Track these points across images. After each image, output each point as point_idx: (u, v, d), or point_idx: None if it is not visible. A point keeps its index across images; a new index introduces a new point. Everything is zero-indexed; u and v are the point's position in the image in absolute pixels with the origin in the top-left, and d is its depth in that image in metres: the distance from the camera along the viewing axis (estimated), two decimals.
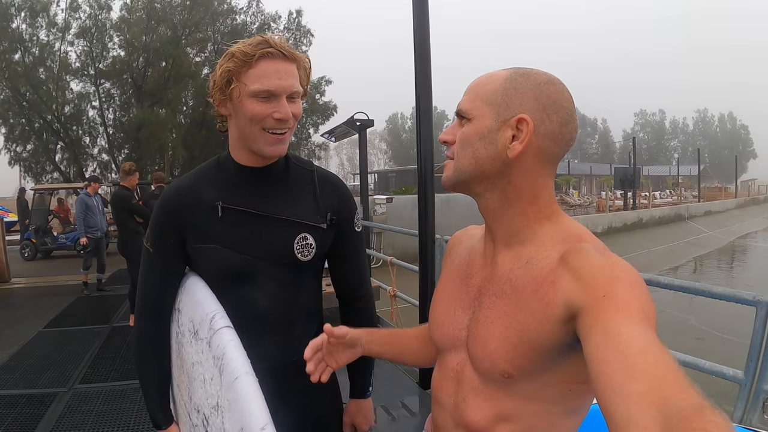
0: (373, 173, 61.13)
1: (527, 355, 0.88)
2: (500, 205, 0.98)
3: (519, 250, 0.97)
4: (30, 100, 20.31)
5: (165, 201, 1.37)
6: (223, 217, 1.33)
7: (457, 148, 0.99)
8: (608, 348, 0.69)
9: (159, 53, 21.85)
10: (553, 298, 0.84)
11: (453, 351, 1.05)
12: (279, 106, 1.26)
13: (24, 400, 4.31)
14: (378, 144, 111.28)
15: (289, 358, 1.40)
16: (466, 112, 0.98)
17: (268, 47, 1.25)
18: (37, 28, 20.37)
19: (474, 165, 0.96)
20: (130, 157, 22.68)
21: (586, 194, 45.62)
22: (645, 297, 0.76)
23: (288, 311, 1.41)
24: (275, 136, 1.29)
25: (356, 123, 9.18)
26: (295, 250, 1.37)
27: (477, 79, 1.01)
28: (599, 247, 0.88)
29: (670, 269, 20.18)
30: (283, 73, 1.26)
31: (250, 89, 1.24)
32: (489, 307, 0.96)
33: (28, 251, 14.22)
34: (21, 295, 9.16)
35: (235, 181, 1.37)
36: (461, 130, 0.98)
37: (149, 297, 1.42)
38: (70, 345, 5.85)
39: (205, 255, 1.35)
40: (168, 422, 1.45)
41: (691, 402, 0.58)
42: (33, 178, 22.45)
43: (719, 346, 9.38)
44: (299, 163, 1.47)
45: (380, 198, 15.38)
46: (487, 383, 0.96)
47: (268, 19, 24.71)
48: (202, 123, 23.26)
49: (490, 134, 0.94)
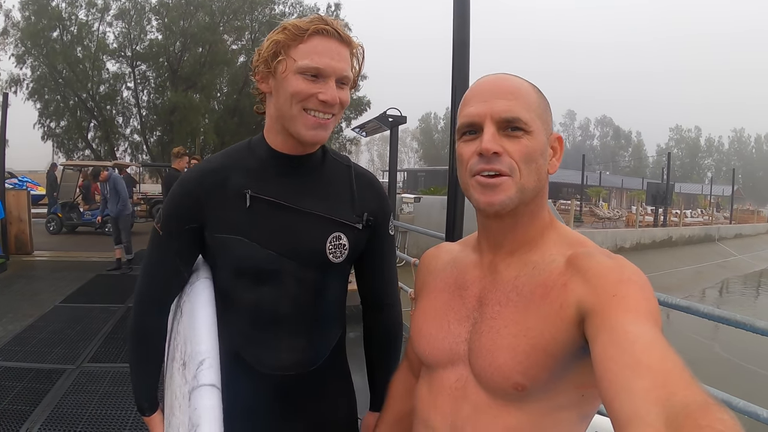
0: (402, 171, 61.27)
1: (542, 363, 0.83)
2: (527, 219, 0.95)
3: (524, 257, 0.94)
4: (66, 78, 20.59)
5: (185, 182, 1.25)
6: (251, 207, 1.21)
7: (520, 164, 0.89)
8: (614, 346, 0.68)
9: (196, 39, 22.00)
10: (566, 300, 0.82)
11: (449, 367, 0.97)
12: (326, 87, 1.15)
13: (32, 374, 4.30)
14: (409, 142, 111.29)
15: (305, 366, 1.29)
16: (527, 123, 0.89)
17: (324, 24, 1.15)
18: (76, 8, 20.64)
19: (537, 183, 0.91)
20: (162, 139, 22.96)
21: (615, 207, 44.90)
22: (653, 300, 0.76)
23: (309, 316, 1.29)
24: (316, 119, 1.17)
25: (388, 119, 9.07)
26: (327, 249, 1.25)
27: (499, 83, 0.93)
28: (604, 251, 0.87)
29: (698, 293, 19.71)
30: (335, 53, 1.16)
31: (298, 64, 1.14)
32: (493, 317, 0.91)
33: (54, 225, 14.39)
34: (42, 267, 9.24)
35: (266, 168, 1.26)
36: (523, 143, 0.89)
37: (152, 283, 1.31)
38: (84, 322, 5.86)
39: (227, 246, 1.23)
40: (152, 410, 1.37)
41: (697, 399, 0.57)
42: (65, 154, 22.81)
43: (746, 379, 9.02)
44: (336, 158, 1.36)
45: (408, 197, 15.22)
46: (497, 399, 0.88)
47: (307, 10, 24.68)
48: (235, 110, 23.41)
49: (545, 151, 0.93)
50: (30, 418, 3.55)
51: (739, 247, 30.08)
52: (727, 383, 8.09)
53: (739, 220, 40.92)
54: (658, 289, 3.96)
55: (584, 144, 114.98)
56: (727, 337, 11.25)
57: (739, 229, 35.20)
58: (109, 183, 8.53)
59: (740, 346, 10.43)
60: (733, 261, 26.72)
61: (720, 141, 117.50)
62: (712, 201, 51.26)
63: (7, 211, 9.60)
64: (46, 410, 3.68)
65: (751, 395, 2.54)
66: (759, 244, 33.49)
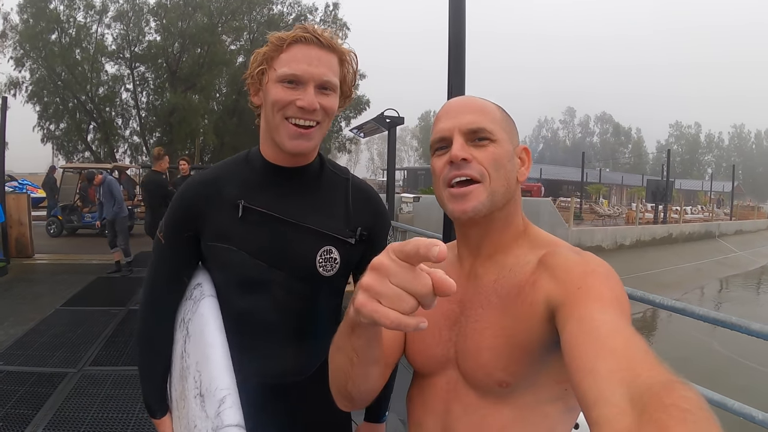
0: (402, 170, 61.16)
1: (520, 360, 0.87)
2: (502, 225, 1.00)
3: (501, 260, 0.98)
4: (65, 80, 20.65)
5: (184, 192, 1.28)
6: (242, 218, 1.23)
7: (489, 169, 0.95)
8: (581, 333, 0.70)
9: (194, 39, 22.06)
10: (535, 298, 0.86)
11: (440, 372, 1.00)
12: (304, 94, 1.15)
13: (33, 378, 4.31)
14: (409, 141, 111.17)
15: (295, 375, 1.31)
16: (491, 133, 0.96)
17: (303, 32, 1.16)
18: (74, 10, 20.68)
19: (506, 188, 0.97)
20: (161, 140, 22.99)
21: (615, 204, 44.84)
22: (618, 288, 0.79)
23: (300, 327, 1.30)
24: (297, 129, 1.17)
25: (386, 120, 9.07)
26: (317, 263, 1.26)
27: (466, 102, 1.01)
28: (574, 249, 0.91)
29: (697, 288, 19.68)
30: (314, 59, 1.16)
31: (277, 73, 1.16)
32: (476, 320, 0.95)
33: (54, 228, 14.40)
34: (43, 271, 9.24)
35: (261, 180, 1.27)
36: (490, 150, 0.96)
37: (156, 290, 1.35)
38: (86, 325, 5.86)
39: (218, 255, 1.25)
40: (162, 413, 1.40)
41: (661, 378, 0.58)
42: (65, 156, 22.84)
43: (745, 376, 9.03)
44: (335, 170, 1.37)
45: (407, 197, 15.27)
46: (485, 397, 0.93)
47: (305, 10, 24.77)
48: (234, 111, 23.47)
49: (512, 159, 0.98)
50: (32, 422, 3.56)
51: (739, 243, 29.98)
52: (727, 380, 8.11)
53: (739, 216, 40.76)
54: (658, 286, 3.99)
55: (584, 141, 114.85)
56: (726, 334, 11.23)
57: (740, 225, 35.06)
58: (103, 186, 8.48)
59: (739, 343, 10.43)
60: (733, 257, 26.67)
61: (720, 137, 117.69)
62: (712, 197, 51.21)
63: (7, 214, 9.60)
64: (48, 414, 3.69)
65: (749, 392, 2.56)
66: (759, 240, 33.42)
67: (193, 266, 1.35)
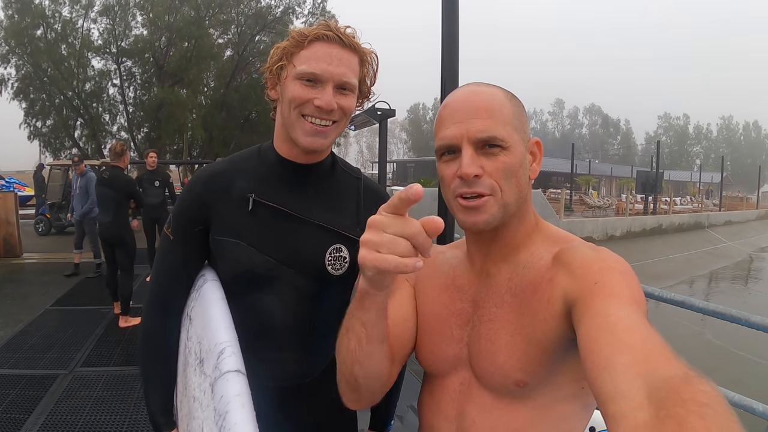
0: (392, 163, 61.15)
1: (538, 359, 0.86)
2: (514, 226, 0.97)
3: (514, 258, 0.96)
4: (51, 76, 20.39)
5: (193, 185, 1.25)
6: (252, 212, 1.21)
7: (501, 182, 0.90)
8: (597, 328, 0.70)
9: (181, 33, 21.81)
10: (552, 294, 0.84)
11: (452, 372, 0.99)
12: (322, 93, 1.14)
13: (24, 381, 4.26)
14: (398, 133, 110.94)
15: (301, 378, 1.28)
16: (503, 140, 0.90)
17: (326, 30, 1.13)
18: (59, 5, 20.42)
19: (518, 195, 0.93)
20: (149, 136, 22.81)
21: (605, 195, 45.07)
22: (635, 285, 0.78)
23: (306, 327, 1.26)
24: (313, 126, 1.15)
25: (377, 112, 9.00)
26: (327, 261, 1.23)
27: (472, 102, 0.92)
28: (589, 244, 0.90)
29: (688, 279, 19.86)
30: (335, 58, 1.14)
31: (296, 70, 1.13)
32: (490, 319, 0.93)
33: (42, 226, 14.25)
34: (31, 270, 9.15)
35: (273, 175, 1.25)
36: (501, 161, 0.90)
37: (163, 290, 1.30)
38: (76, 325, 5.80)
39: (225, 249, 1.22)
40: (169, 427, 1.31)
41: (678, 372, 0.57)
42: (52, 153, 22.61)
43: (739, 367, 9.08)
44: (347, 169, 1.35)
45: (398, 189, 15.22)
46: (501, 398, 0.91)
47: (293, 3, 24.50)
48: (222, 105, 23.30)
49: (524, 161, 0.93)
50: (24, 426, 3.51)
51: (729, 233, 30.29)
52: (721, 370, 8.17)
53: (728, 207, 41.16)
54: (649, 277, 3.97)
55: (573, 133, 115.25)
56: (718, 324, 11.30)
57: (729, 216, 35.40)
58: (82, 179, 8.03)
59: (731, 333, 10.51)
60: (723, 248, 26.91)
61: (708, 128, 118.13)
62: (701, 188, 51.62)
63: None
64: (40, 417, 3.64)
65: (743, 382, 2.55)
66: (748, 230, 33.76)
67: (203, 262, 1.32)
